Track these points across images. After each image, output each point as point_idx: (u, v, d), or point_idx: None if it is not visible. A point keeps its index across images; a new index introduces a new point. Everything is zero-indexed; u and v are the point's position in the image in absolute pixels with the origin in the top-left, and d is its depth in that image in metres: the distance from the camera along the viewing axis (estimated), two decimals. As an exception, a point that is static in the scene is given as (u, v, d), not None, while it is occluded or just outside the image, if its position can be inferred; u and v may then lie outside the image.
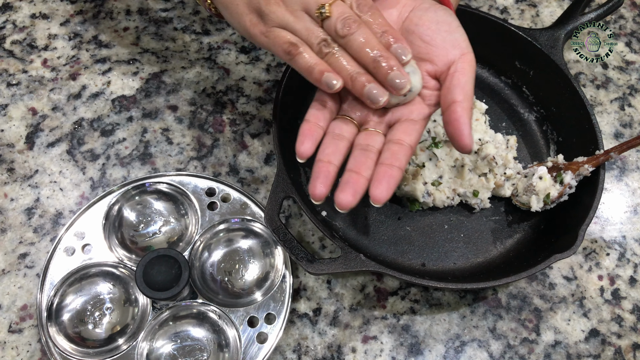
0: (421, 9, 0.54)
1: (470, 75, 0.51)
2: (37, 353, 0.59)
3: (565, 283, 0.66)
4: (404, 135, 0.51)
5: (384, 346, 0.62)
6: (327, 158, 0.50)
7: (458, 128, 0.49)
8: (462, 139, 0.50)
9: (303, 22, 0.51)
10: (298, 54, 0.50)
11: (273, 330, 0.59)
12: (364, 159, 0.50)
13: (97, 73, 0.74)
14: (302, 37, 0.51)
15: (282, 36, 0.51)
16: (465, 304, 0.64)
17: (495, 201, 0.69)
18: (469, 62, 0.52)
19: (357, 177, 0.49)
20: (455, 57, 0.52)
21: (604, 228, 0.70)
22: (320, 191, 0.49)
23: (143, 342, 0.58)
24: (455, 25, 0.53)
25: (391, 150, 0.51)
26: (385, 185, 0.49)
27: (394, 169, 0.49)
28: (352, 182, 0.49)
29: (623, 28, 0.85)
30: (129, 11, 0.79)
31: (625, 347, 0.63)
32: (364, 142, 0.52)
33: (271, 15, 0.51)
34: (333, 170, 0.50)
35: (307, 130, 0.51)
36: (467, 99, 0.50)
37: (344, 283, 0.65)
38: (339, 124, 0.53)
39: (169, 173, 0.66)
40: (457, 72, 0.51)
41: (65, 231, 0.62)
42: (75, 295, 0.59)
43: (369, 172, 0.50)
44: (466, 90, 0.51)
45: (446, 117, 0.51)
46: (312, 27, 0.51)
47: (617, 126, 0.77)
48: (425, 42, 0.53)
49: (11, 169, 0.68)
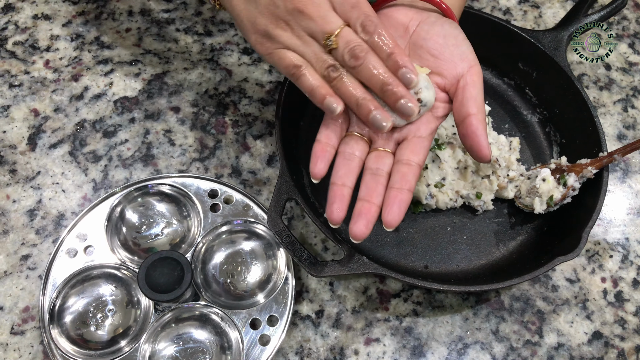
0: (428, 23, 0.55)
1: (480, 87, 0.53)
2: (39, 355, 0.59)
3: (568, 285, 0.66)
4: (412, 155, 0.53)
5: (387, 348, 0.62)
6: (341, 181, 0.52)
7: (476, 140, 0.52)
8: (481, 151, 0.52)
9: (310, 47, 0.52)
10: (301, 75, 0.52)
11: (275, 332, 0.59)
12: (374, 185, 0.52)
13: (99, 74, 0.74)
14: (310, 61, 0.52)
15: (286, 57, 0.52)
16: (468, 306, 0.64)
17: (498, 203, 0.69)
18: (477, 75, 0.53)
19: (369, 207, 0.51)
20: (464, 70, 0.53)
21: (607, 230, 0.70)
22: (337, 215, 0.51)
23: (145, 344, 0.57)
24: (461, 38, 0.55)
25: (400, 172, 0.52)
26: (397, 210, 0.50)
27: (403, 192, 0.51)
28: (365, 212, 0.51)
29: (626, 29, 0.84)
30: (131, 12, 0.79)
31: (629, 349, 0.63)
32: (373, 166, 0.53)
33: (278, 38, 0.52)
34: (347, 192, 0.52)
35: (320, 152, 0.53)
36: (481, 111, 0.52)
37: (346, 285, 0.64)
38: (349, 142, 0.54)
39: (172, 175, 0.66)
40: (468, 85, 0.53)
41: (67, 233, 0.62)
42: (77, 297, 0.59)
43: (379, 198, 0.51)
44: (479, 102, 0.52)
45: (462, 129, 0.52)
46: (319, 53, 0.52)
47: (621, 128, 0.76)
48: (433, 56, 0.54)
49: (13, 171, 0.68)
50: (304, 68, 0.52)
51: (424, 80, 0.52)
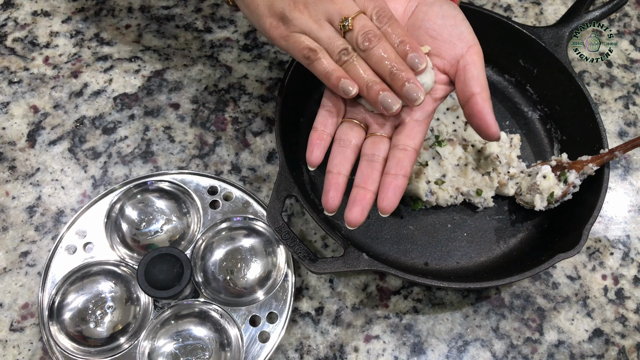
0: (426, 4, 0.55)
1: (481, 66, 0.53)
2: (39, 352, 0.59)
3: (568, 282, 0.66)
4: (408, 140, 0.53)
5: (387, 345, 0.61)
6: (337, 169, 0.52)
7: (483, 119, 0.52)
8: (489, 129, 0.52)
9: (325, 31, 0.52)
10: (317, 59, 0.52)
11: (275, 329, 0.59)
12: (369, 172, 0.52)
13: (98, 71, 0.74)
14: (323, 45, 0.52)
15: (302, 41, 0.52)
16: (468, 304, 0.64)
17: (499, 200, 0.68)
18: (477, 54, 0.53)
19: (364, 193, 0.51)
20: (463, 50, 0.53)
21: (608, 227, 0.69)
22: (333, 203, 0.51)
23: (145, 341, 0.57)
24: (460, 18, 0.54)
25: (396, 157, 0.52)
26: (392, 196, 0.51)
27: (399, 178, 0.51)
28: (359, 199, 0.51)
29: (627, 26, 0.84)
30: (131, 8, 0.79)
31: (629, 347, 0.63)
32: (369, 152, 0.53)
33: (295, 21, 0.52)
34: (343, 180, 0.52)
35: (316, 139, 0.53)
36: (485, 90, 0.52)
37: (346, 282, 0.64)
38: (345, 129, 0.54)
39: (171, 171, 0.66)
40: (469, 65, 0.52)
41: (66, 229, 0.62)
42: (76, 293, 0.59)
43: (375, 185, 0.52)
44: (481, 81, 0.52)
45: (468, 110, 0.52)
46: (334, 36, 0.52)
47: (622, 125, 0.76)
48: (432, 37, 0.54)
49: (13, 167, 0.68)
50: (320, 52, 0.52)
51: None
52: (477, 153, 0.68)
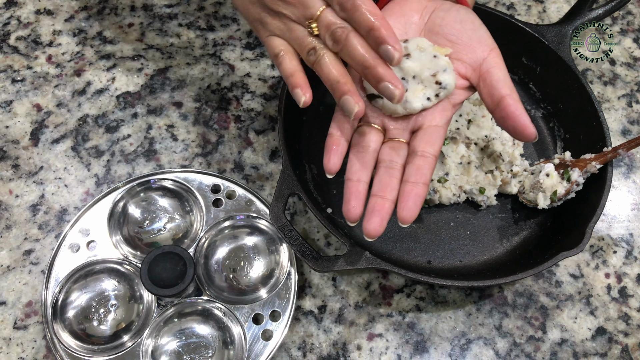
0: (442, 10, 0.54)
1: (505, 69, 0.52)
2: (42, 349, 0.59)
3: (571, 281, 0.66)
4: (427, 146, 0.51)
5: (390, 344, 0.61)
6: (356, 176, 0.51)
7: (518, 120, 0.50)
8: (525, 130, 0.50)
9: (295, 32, 0.52)
10: (279, 63, 0.52)
11: (278, 327, 0.59)
12: (388, 179, 0.50)
13: (101, 69, 0.74)
14: (295, 46, 0.52)
15: (273, 44, 0.53)
16: (471, 302, 0.64)
17: (502, 198, 0.68)
18: (499, 57, 0.52)
19: (383, 203, 0.49)
20: (485, 53, 0.52)
21: (611, 225, 0.69)
22: (355, 212, 0.50)
23: (148, 339, 0.57)
24: (478, 23, 0.54)
25: (416, 165, 0.50)
26: (412, 205, 0.49)
27: (419, 186, 0.49)
28: (378, 209, 0.49)
29: (631, 24, 0.84)
30: (134, 7, 0.79)
31: (632, 345, 0.63)
32: (387, 158, 0.52)
33: (268, 26, 0.53)
34: (363, 188, 0.51)
35: (332, 146, 0.52)
36: (514, 91, 0.51)
37: (349, 280, 0.64)
38: (362, 134, 0.53)
39: (174, 170, 0.66)
40: (493, 68, 0.51)
41: (70, 228, 0.62)
42: (80, 292, 0.59)
43: (394, 193, 0.50)
44: (508, 82, 0.51)
45: (499, 113, 0.50)
46: (303, 37, 0.51)
47: (625, 123, 0.76)
48: (451, 42, 0.53)
49: (16, 166, 0.68)
50: (283, 54, 0.52)
51: (443, 62, 0.51)
52: (480, 151, 0.68)
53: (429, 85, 0.51)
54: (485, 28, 0.53)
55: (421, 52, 0.52)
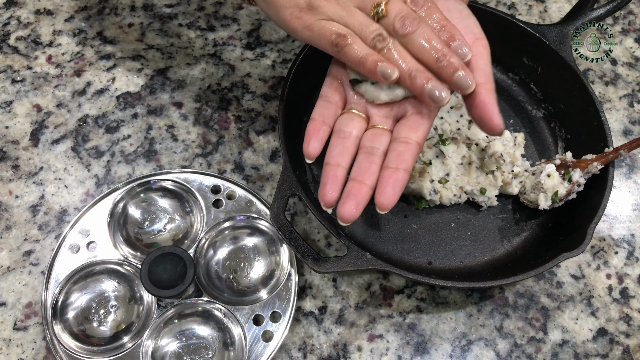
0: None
1: (487, 58, 0.51)
2: (42, 351, 0.59)
3: (573, 282, 0.66)
4: (410, 132, 0.50)
5: (390, 345, 0.61)
6: (335, 161, 0.50)
7: (485, 110, 0.49)
8: (492, 120, 0.49)
9: (355, 17, 0.49)
10: (347, 45, 0.48)
11: (278, 328, 0.59)
12: (367, 165, 0.49)
13: (101, 69, 0.74)
14: (356, 31, 0.49)
15: (328, 27, 0.49)
16: (472, 303, 0.64)
17: (503, 199, 0.68)
18: (484, 47, 0.51)
19: (360, 187, 0.48)
20: (469, 42, 0.51)
21: (613, 226, 0.69)
22: (330, 197, 0.49)
23: (148, 340, 0.57)
24: (466, 12, 0.53)
25: (397, 150, 0.49)
26: (391, 190, 0.48)
27: (399, 172, 0.48)
28: (355, 193, 0.48)
29: (632, 24, 0.84)
30: (134, 7, 0.79)
31: (634, 346, 0.63)
32: (369, 144, 0.50)
33: (321, 8, 0.49)
34: (342, 173, 0.49)
35: (313, 130, 0.51)
36: (489, 81, 0.50)
37: (349, 281, 0.64)
38: (345, 119, 0.52)
39: (174, 170, 0.66)
40: (474, 57, 0.50)
41: (70, 228, 0.62)
42: (80, 292, 0.59)
43: (372, 178, 0.49)
44: (486, 72, 0.50)
45: (470, 100, 0.50)
46: (366, 22, 0.49)
47: (626, 123, 0.76)
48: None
49: (16, 166, 0.68)
50: (350, 37, 0.48)
51: None
52: (481, 152, 0.67)
53: None
54: (474, 18, 0.53)
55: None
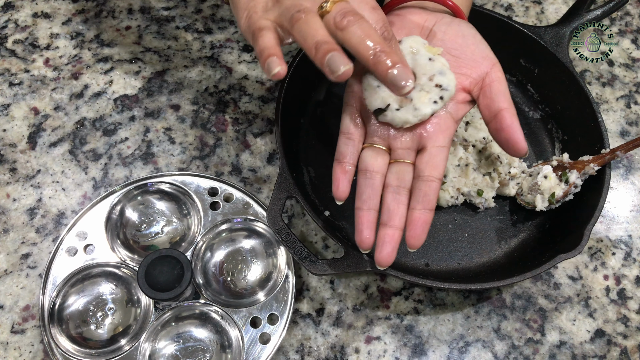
0: (444, 24, 0.55)
1: (506, 84, 0.53)
2: (40, 354, 0.59)
3: (570, 283, 0.66)
4: (432, 170, 0.52)
5: (388, 347, 0.61)
6: (367, 205, 0.52)
7: (512, 134, 0.51)
8: (517, 144, 0.51)
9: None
10: (259, 37, 0.48)
11: (276, 330, 0.59)
12: (395, 207, 0.52)
13: (99, 72, 0.74)
14: (283, 16, 0.48)
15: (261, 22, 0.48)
16: (469, 304, 0.64)
17: (500, 200, 0.68)
18: (501, 71, 0.53)
19: (393, 233, 0.51)
20: (487, 68, 0.53)
21: (610, 227, 0.69)
22: (368, 242, 0.52)
23: (145, 342, 0.57)
24: (479, 37, 0.55)
25: (422, 191, 0.51)
26: (420, 232, 0.51)
27: (426, 213, 0.51)
28: (389, 240, 0.51)
29: (629, 25, 0.84)
30: (131, 10, 0.79)
31: (631, 347, 0.63)
32: (395, 184, 0.52)
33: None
34: (374, 216, 0.52)
35: (341, 173, 0.53)
36: (512, 106, 0.52)
37: (347, 283, 0.64)
38: (369, 158, 0.53)
39: (172, 173, 0.66)
40: (495, 82, 0.52)
41: (67, 231, 0.62)
42: (77, 295, 0.59)
43: (402, 220, 0.51)
44: (508, 97, 0.52)
45: (495, 124, 0.52)
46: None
47: (623, 124, 0.76)
48: (454, 57, 0.53)
49: (13, 169, 0.68)
50: (266, 29, 0.47)
51: (439, 65, 0.51)
52: (478, 153, 0.67)
53: (430, 90, 0.51)
54: (485, 43, 0.54)
55: (415, 55, 0.52)
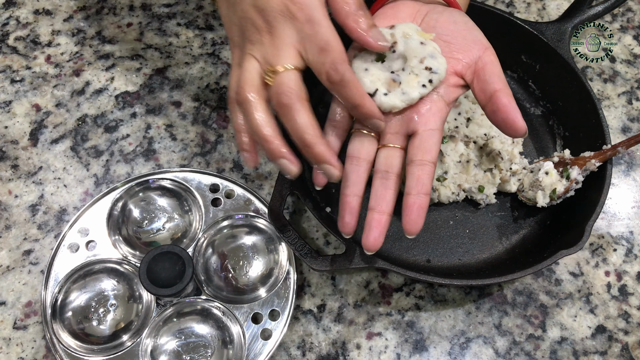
0: (436, 12, 0.55)
1: (499, 66, 0.52)
2: (42, 349, 0.59)
3: (571, 279, 0.66)
4: (425, 154, 0.51)
5: (389, 342, 0.61)
6: (350, 191, 0.52)
7: (508, 114, 0.50)
8: (515, 123, 0.50)
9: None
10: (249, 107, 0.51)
11: (277, 326, 0.59)
12: (383, 192, 0.51)
13: (100, 69, 0.74)
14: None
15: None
16: (470, 300, 0.64)
17: (501, 197, 0.68)
18: (494, 55, 0.53)
19: (380, 217, 0.50)
20: (480, 52, 0.53)
21: (611, 223, 0.69)
22: (349, 227, 0.52)
23: (147, 338, 0.58)
24: (471, 24, 0.54)
25: (415, 175, 0.50)
26: (416, 217, 0.50)
27: (421, 197, 0.50)
28: (376, 224, 0.50)
29: (631, 21, 0.84)
30: (132, 7, 0.79)
31: (632, 343, 0.63)
32: (383, 169, 0.52)
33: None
34: (357, 202, 0.52)
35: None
36: (507, 86, 0.51)
37: (348, 279, 0.64)
38: (357, 144, 0.53)
39: (173, 169, 0.66)
40: (488, 65, 0.52)
41: (69, 228, 0.62)
42: (79, 291, 0.59)
43: (390, 205, 0.51)
44: (502, 79, 0.52)
45: (491, 106, 0.51)
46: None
47: (625, 120, 0.76)
48: (446, 42, 0.53)
49: (15, 166, 0.68)
50: (256, 96, 0.51)
51: (430, 48, 0.51)
52: (479, 150, 0.67)
53: (420, 73, 0.51)
54: (479, 29, 0.54)
55: (407, 39, 0.52)
